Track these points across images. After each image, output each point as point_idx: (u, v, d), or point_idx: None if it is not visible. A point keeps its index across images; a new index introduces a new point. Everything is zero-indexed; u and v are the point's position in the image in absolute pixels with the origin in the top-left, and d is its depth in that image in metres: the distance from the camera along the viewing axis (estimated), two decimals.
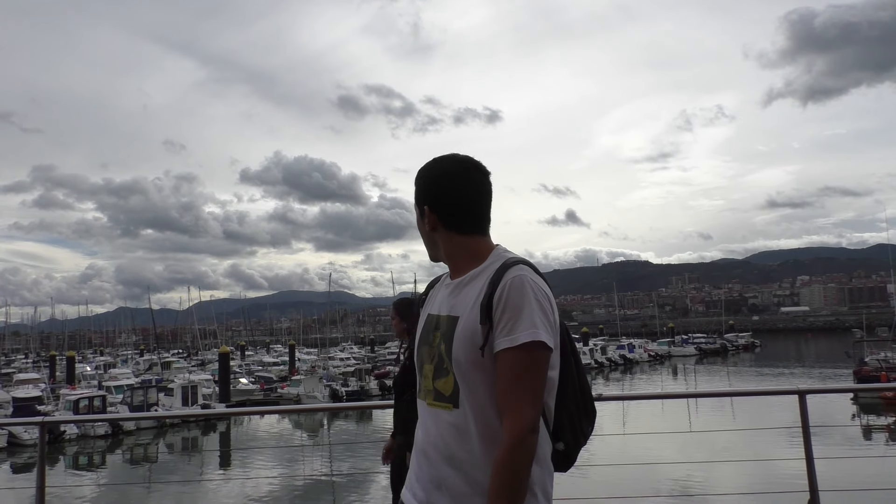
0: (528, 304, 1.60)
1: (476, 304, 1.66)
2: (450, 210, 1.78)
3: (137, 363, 62.55)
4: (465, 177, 1.78)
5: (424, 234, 1.87)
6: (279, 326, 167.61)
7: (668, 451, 16.70)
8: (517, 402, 1.56)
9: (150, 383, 37.95)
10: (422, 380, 1.80)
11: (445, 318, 1.75)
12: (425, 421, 1.77)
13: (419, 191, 1.84)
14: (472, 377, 1.65)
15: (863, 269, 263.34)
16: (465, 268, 1.78)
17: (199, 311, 79.15)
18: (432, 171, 1.82)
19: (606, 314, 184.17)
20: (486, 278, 1.69)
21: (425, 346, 1.80)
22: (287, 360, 59.58)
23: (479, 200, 1.79)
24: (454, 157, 1.83)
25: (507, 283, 1.62)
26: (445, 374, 1.70)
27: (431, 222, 1.80)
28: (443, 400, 1.70)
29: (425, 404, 1.77)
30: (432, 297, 1.90)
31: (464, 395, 1.65)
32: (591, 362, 57.14)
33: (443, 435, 1.68)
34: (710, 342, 75.36)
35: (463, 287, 1.74)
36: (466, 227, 1.78)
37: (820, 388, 4.45)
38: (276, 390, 43.12)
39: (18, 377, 45.58)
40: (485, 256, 1.77)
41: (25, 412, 30.04)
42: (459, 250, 1.80)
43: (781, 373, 48.15)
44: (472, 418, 1.64)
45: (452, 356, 1.68)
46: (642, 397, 9.36)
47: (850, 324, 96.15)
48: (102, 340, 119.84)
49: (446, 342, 1.71)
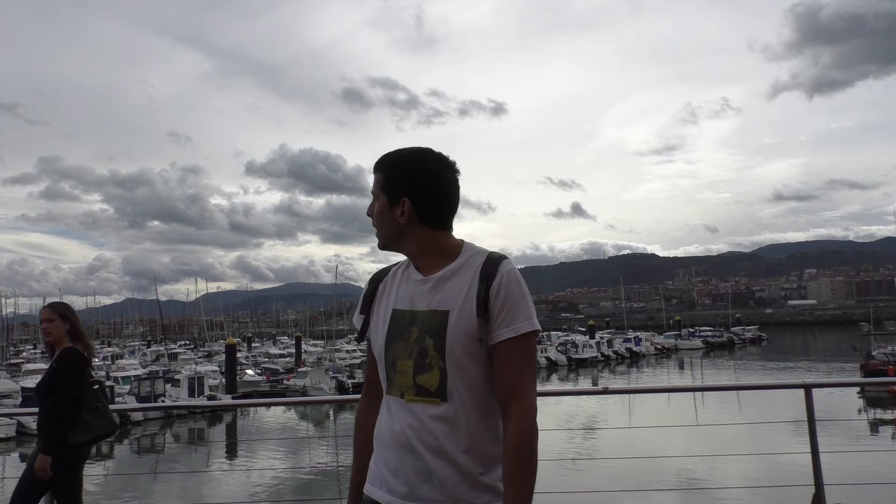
0: (524, 296, 1.72)
1: (468, 297, 1.71)
2: (431, 207, 1.80)
3: (145, 354, 62.93)
4: (448, 176, 1.81)
5: (390, 225, 1.81)
6: (285, 318, 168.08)
7: (674, 445, 16.68)
8: (525, 387, 1.68)
9: (157, 374, 38.17)
10: (395, 376, 1.76)
11: (428, 312, 1.74)
12: (401, 416, 1.74)
13: (398, 182, 1.80)
14: (467, 369, 1.70)
15: (870, 263, 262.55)
16: (436, 263, 1.79)
17: (205, 303, 79.56)
18: (415, 167, 1.80)
19: (613, 307, 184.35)
20: (472, 272, 1.74)
21: (398, 342, 1.76)
22: (293, 352, 59.79)
23: (456, 199, 1.84)
24: (433, 153, 1.83)
25: (502, 276, 1.70)
26: (429, 369, 1.71)
27: (408, 216, 1.79)
28: (427, 395, 1.71)
29: (402, 401, 1.74)
30: (388, 292, 1.86)
31: (453, 387, 1.69)
32: (597, 355, 57.15)
33: (429, 428, 1.68)
34: (717, 335, 75.19)
35: (444, 282, 1.75)
36: (441, 223, 1.81)
37: (826, 382, 4.43)
38: (282, 382, 43.31)
39: (27, 367, 45.79)
40: (455, 251, 1.81)
41: (34, 402, 30.22)
42: (432, 245, 1.81)
43: (788, 366, 48.03)
44: (463, 410, 1.69)
45: (446, 350, 1.69)
46: (648, 391, 9.39)
47: (857, 317, 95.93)
48: (110, 331, 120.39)
49: (434, 337, 1.71)
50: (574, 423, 22.78)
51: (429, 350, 1.71)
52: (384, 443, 1.78)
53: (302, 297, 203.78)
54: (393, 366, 1.77)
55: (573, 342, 59.45)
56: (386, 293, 1.86)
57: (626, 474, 12.20)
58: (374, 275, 1.95)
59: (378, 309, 1.87)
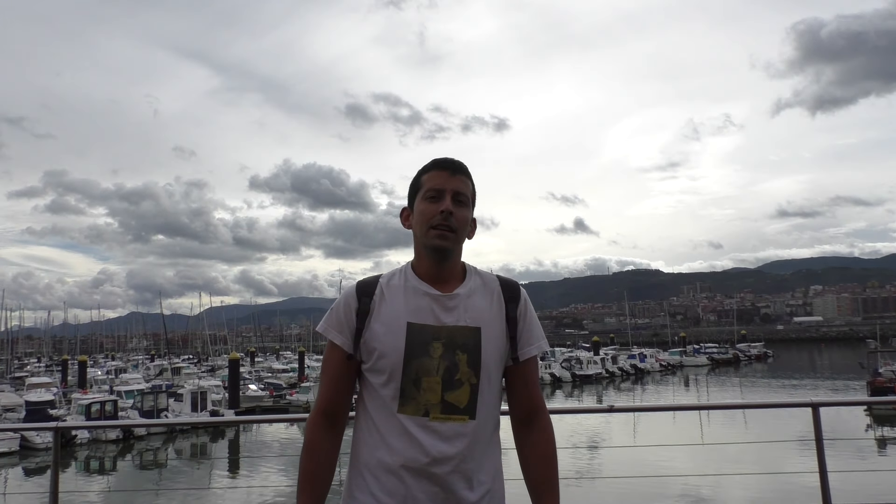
0: (535, 316, 1.87)
1: (498, 317, 1.77)
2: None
3: (148, 368, 62.81)
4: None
5: (464, 236, 1.79)
6: (289, 333, 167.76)
7: (679, 463, 16.56)
8: (543, 400, 1.84)
9: (160, 389, 38.08)
10: (418, 393, 1.66)
11: (458, 328, 1.70)
12: (423, 437, 1.64)
13: (475, 199, 1.85)
14: (495, 386, 1.75)
15: (877, 279, 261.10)
16: (449, 279, 1.78)
17: (209, 317, 79.52)
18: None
19: (617, 323, 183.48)
20: (492, 293, 1.80)
21: (422, 357, 1.67)
22: (297, 367, 59.63)
23: None
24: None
25: (525, 299, 1.83)
26: (459, 386, 1.68)
27: (472, 233, 1.86)
28: (457, 413, 1.66)
29: (424, 419, 1.65)
30: (390, 305, 1.73)
31: (482, 404, 1.70)
32: (602, 371, 56.86)
33: (456, 447, 1.64)
34: (723, 352, 74.75)
35: (465, 299, 1.75)
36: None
37: (834, 401, 4.40)
38: (285, 397, 43.18)
39: (31, 381, 45.86)
40: (461, 270, 1.82)
41: (38, 416, 30.25)
42: (458, 262, 1.82)
43: (794, 384, 47.69)
44: (485, 425, 1.72)
45: (482, 366, 1.69)
46: (653, 409, 9.27)
47: (863, 334, 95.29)
48: (114, 345, 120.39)
49: (469, 352, 1.69)
50: (578, 440, 22.62)
51: (460, 366, 1.68)
52: (387, 469, 1.64)
53: (305, 312, 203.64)
54: (416, 382, 1.66)
55: (577, 358, 59.13)
56: (385, 306, 1.74)
57: (630, 493, 12.11)
58: (359, 287, 1.78)
59: (379, 322, 1.72)
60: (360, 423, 1.75)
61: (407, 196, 1.86)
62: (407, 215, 1.85)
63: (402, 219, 1.87)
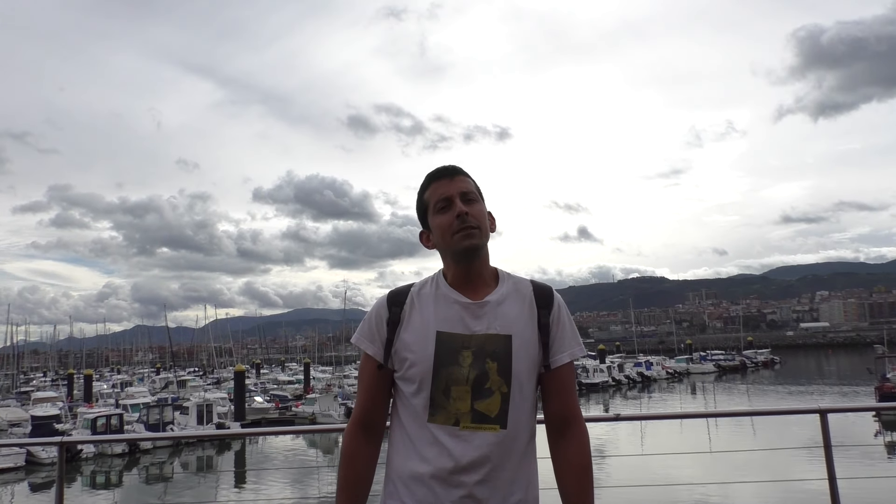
0: (572, 321, 1.83)
1: (530, 323, 1.74)
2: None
3: (154, 381, 62.81)
4: None
5: (487, 230, 1.78)
6: (294, 344, 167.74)
7: (687, 471, 16.47)
8: (579, 409, 1.81)
9: (165, 402, 38.06)
10: (448, 402, 1.66)
11: (487, 336, 1.69)
12: (453, 446, 1.64)
13: (478, 189, 1.87)
14: (528, 394, 1.72)
15: (883, 284, 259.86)
16: (479, 285, 1.76)
17: (214, 329, 79.51)
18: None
19: (623, 331, 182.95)
20: (524, 299, 1.76)
21: (451, 366, 1.67)
22: (302, 379, 59.58)
23: None
24: None
25: (559, 304, 1.79)
26: (489, 395, 1.66)
27: (493, 228, 1.85)
28: (487, 422, 1.65)
29: (455, 429, 1.65)
30: (419, 314, 1.75)
31: (513, 413, 1.67)
32: (608, 380, 56.69)
33: (488, 456, 1.63)
34: (729, 359, 74.39)
35: (498, 306, 1.73)
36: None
37: (842, 407, 4.36)
38: (290, 409, 43.12)
39: (36, 395, 45.89)
40: (493, 275, 1.80)
41: (44, 430, 30.24)
42: (486, 264, 1.80)
43: (802, 390, 47.42)
44: (518, 434, 1.69)
45: (513, 374, 1.68)
46: (660, 417, 9.22)
47: (871, 339, 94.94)
48: (119, 358, 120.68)
49: (499, 360, 1.67)
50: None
51: (490, 374, 1.67)
52: (418, 478, 1.65)
53: (310, 323, 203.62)
54: (446, 392, 1.67)
55: (584, 367, 58.95)
56: (416, 315, 1.75)
57: (639, 502, 12.03)
58: (390, 297, 1.80)
59: (409, 332, 1.73)
60: (394, 433, 1.76)
61: (418, 219, 1.86)
62: (427, 236, 1.84)
63: (423, 241, 1.85)
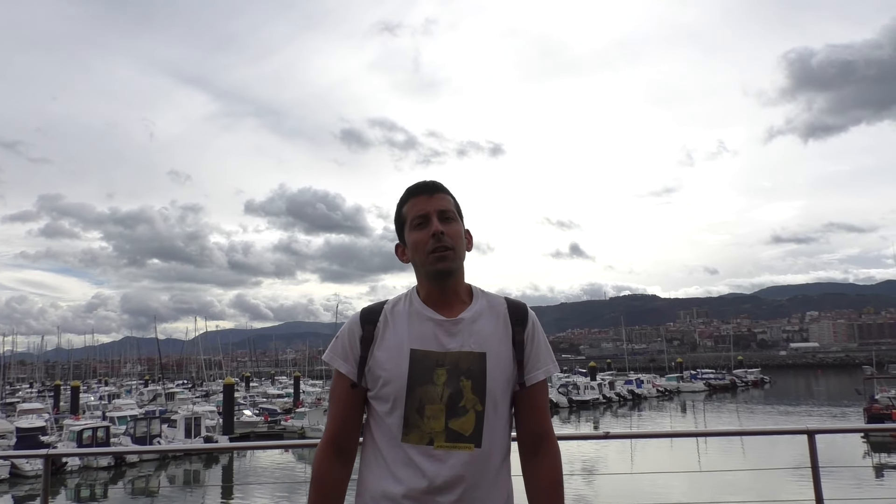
0: (545, 338, 1.81)
1: (504, 341, 1.72)
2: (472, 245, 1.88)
3: (142, 394, 62.23)
4: None
5: (463, 250, 1.77)
6: (284, 357, 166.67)
7: (676, 491, 16.43)
8: (551, 426, 1.77)
9: (153, 414, 37.71)
10: (422, 421, 1.64)
11: (462, 354, 1.67)
12: (427, 466, 1.62)
13: (460, 212, 1.84)
14: (502, 412, 1.70)
15: (872, 306, 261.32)
16: (455, 303, 1.75)
17: (204, 342, 78.81)
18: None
19: (614, 348, 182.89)
20: (499, 316, 1.75)
21: (425, 384, 1.65)
22: (292, 392, 59.22)
23: None
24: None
25: (533, 321, 1.77)
26: (464, 413, 1.65)
27: (470, 247, 1.84)
28: (461, 441, 1.64)
29: (429, 448, 1.63)
30: (393, 331, 1.73)
31: (488, 431, 1.66)
32: (598, 397, 56.64)
33: (462, 476, 1.62)
34: (719, 378, 74.45)
35: (470, 324, 1.71)
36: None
37: (830, 428, 4.39)
38: (280, 423, 42.80)
39: (22, 407, 45.28)
40: (468, 292, 1.80)
41: (29, 443, 29.85)
42: (462, 282, 1.80)
43: (791, 410, 47.50)
44: (492, 453, 1.67)
45: (487, 392, 1.66)
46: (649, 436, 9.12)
47: (860, 360, 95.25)
48: (108, 370, 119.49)
49: (473, 378, 1.66)
50: (574, 467, 22.42)
51: (465, 392, 1.65)
52: (391, 499, 1.63)
53: (301, 336, 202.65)
54: (420, 410, 1.65)
55: (574, 384, 58.84)
56: (389, 332, 1.73)
57: None
58: (363, 314, 1.77)
59: (382, 349, 1.71)
60: (367, 452, 1.75)
61: (396, 232, 1.85)
62: (402, 250, 1.83)
63: (399, 254, 1.83)
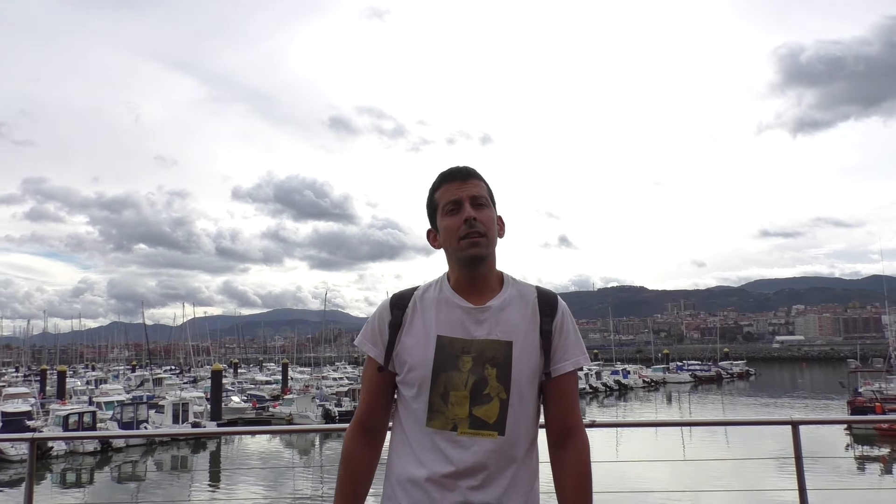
0: (578, 330, 1.79)
1: (531, 330, 1.71)
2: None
3: (129, 379, 62.05)
4: None
5: (495, 237, 1.76)
6: (273, 344, 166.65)
7: (660, 479, 16.59)
8: (580, 419, 1.75)
9: (140, 400, 37.63)
10: (446, 407, 1.66)
11: (488, 342, 1.68)
12: (451, 451, 1.64)
13: (493, 198, 1.82)
14: (528, 401, 1.69)
15: (857, 300, 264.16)
16: (484, 290, 1.75)
17: (192, 328, 78.53)
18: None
19: (601, 339, 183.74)
20: (527, 305, 1.74)
21: (450, 371, 1.67)
22: (280, 379, 59.19)
23: None
24: None
25: (563, 311, 1.76)
26: (488, 401, 1.66)
27: (502, 234, 1.82)
28: (485, 428, 1.65)
29: (452, 434, 1.65)
30: (421, 318, 1.75)
31: (512, 420, 1.66)
32: (585, 387, 56.95)
33: (484, 463, 1.63)
34: (705, 369, 75.01)
35: (501, 311, 1.72)
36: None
37: (814, 420, 4.45)
38: (268, 409, 42.86)
39: (8, 391, 45.01)
40: (498, 281, 1.78)
41: (14, 427, 29.72)
42: (492, 270, 1.79)
43: (775, 402, 48.01)
44: (516, 441, 1.67)
45: (512, 380, 1.66)
46: (635, 425, 9.24)
47: (844, 354, 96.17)
48: (94, 355, 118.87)
49: (499, 367, 1.66)
50: None
51: (489, 380, 1.66)
52: (415, 482, 1.65)
53: (289, 324, 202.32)
54: (444, 396, 1.66)
55: None
56: (417, 319, 1.74)
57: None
58: (393, 299, 1.79)
59: (409, 335, 1.73)
60: (396, 436, 1.76)
61: (428, 217, 1.84)
62: (434, 236, 1.82)
63: (430, 240, 1.83)
